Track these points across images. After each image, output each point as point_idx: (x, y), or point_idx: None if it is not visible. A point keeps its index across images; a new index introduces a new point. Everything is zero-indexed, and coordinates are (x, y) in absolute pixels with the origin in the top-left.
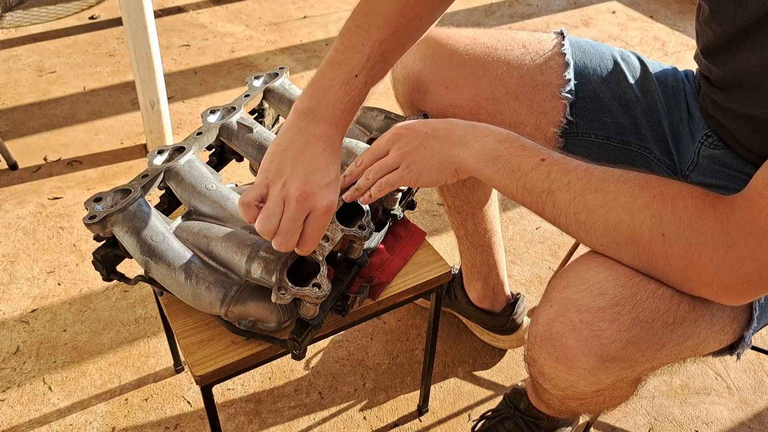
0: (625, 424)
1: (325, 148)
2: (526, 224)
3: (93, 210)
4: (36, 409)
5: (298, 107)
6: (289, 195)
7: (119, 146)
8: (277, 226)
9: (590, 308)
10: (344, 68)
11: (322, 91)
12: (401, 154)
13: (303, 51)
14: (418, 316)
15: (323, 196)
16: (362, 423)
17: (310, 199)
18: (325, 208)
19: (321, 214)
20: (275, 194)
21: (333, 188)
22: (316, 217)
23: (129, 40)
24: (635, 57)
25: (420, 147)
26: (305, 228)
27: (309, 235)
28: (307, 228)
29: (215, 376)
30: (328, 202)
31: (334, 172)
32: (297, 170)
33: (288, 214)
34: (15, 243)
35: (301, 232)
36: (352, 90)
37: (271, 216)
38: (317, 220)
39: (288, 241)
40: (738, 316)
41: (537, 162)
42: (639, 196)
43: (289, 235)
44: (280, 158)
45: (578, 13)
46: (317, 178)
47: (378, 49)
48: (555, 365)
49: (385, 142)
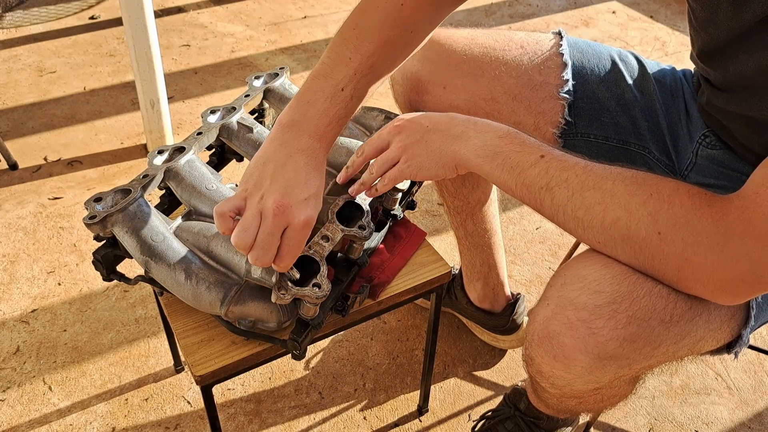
0: (625, 425)
1: (307, 162)
2: (526, 224)
3: (93, 210)
4: (36, 409)
5: (282, 120)
6: (266, 208)
7: (119, 146)
8: (253, 240)
9: (587, 306)
10: (330, 81)
11: (307, 104)
12: (402, 147)
13: (303, 51)
14: (418, 316)
15: (301, 211)
16: (362, 423)
17: (287, 213)
18: (302, 222)
19: (298, 228)
20: (252, 207)
21: (312, 203)
22: (293, 231)
23: (129, 40)
24: (633, 57)
25: (421, 141)
26: (282, 243)
27: (285, 251)
28: (284, 243)
29: (215, 376)
30: (306, 217)
31: (315, 186)
32: (276, 183)
33: (264, 228)
34: (15, 243)
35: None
36: (338, 103)
37: (247, 229)
38: (294, 234)
39: (264, 256)
40: (735, 315)
41: (536, 158)
42: (636, 194)
43: (265, 250)
44: (261, 171)
45: (578, 13)
46: (296, 192)
47: (366, 63)
48: (552, 363)
49: (386, 133)
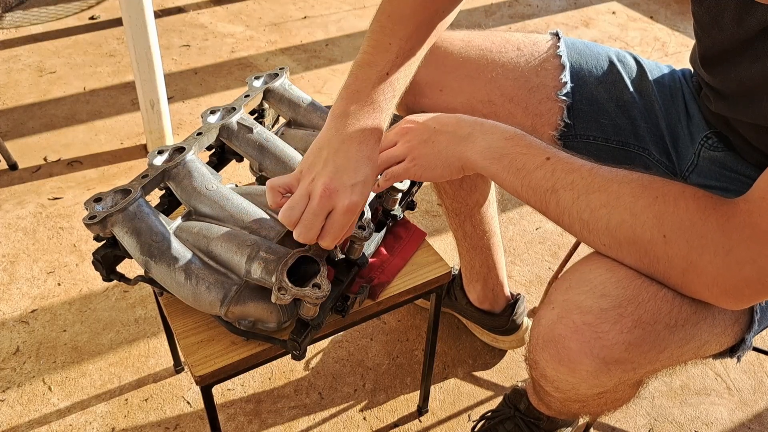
0: (625, 425)
1: (358, 150)
2: (525, 225)
3: (93, 210)
4: (36, 409)
5: (335, 110)
6: (315, 190)
7: (119, 146)
8: (298, 218)
9: (593, 309)
10: (375, 68)
11: (356, 92)
12: (408, 147)
13: (303, 51)
14: (418, 316)
15: (346, 195)
16: (362, 423)
17: (333, 196)
18: (346, 207)
19: (341, 212)
20: (302, 187)
21: (359, 189)
22: (337, 214)
23: (129, 40)
24: (631, 57)
25: (427, 141)
26: (326, 224)
27: (327, 231)
28: (327, 224)
29: (215, 376)
30: (350, 202)
31: (363, 174)
32: (327, 168)
33: (310, 208)
34: (15, 243)
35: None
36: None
37: (294, 207)
38: (338, 217)
39: (307, 234)
40: (739, 319)
41: (542, 160)
42: (642, 197)
43: (308, 228)
44: (315, 155)
45: (578, 14)
46: (344, 178)
47: (405, 46)
48: (557, 367)
49: (394, 134)
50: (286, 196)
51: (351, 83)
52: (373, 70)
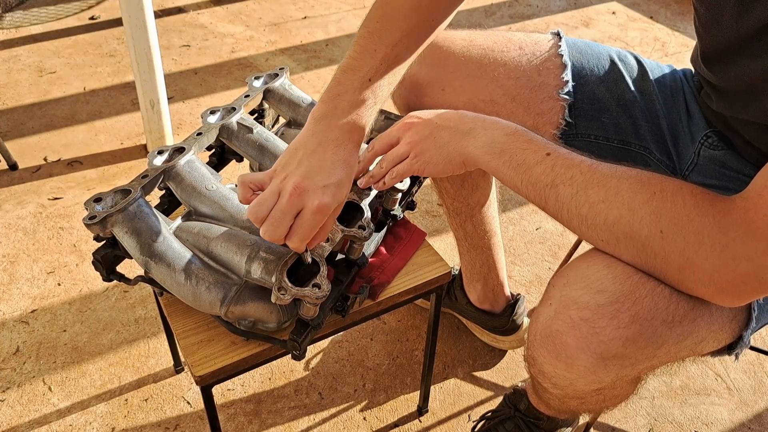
0: (625, 425)
1: (335, 152)
2: (526, 225)
3: (93, 210)
4: (36, 409)
5: (315, 113)
6: (285, 188)
7: (119, 146)
8: (266, 215)
9: (590, 305)
10: (358, 74)
11: (337, 97)
12: (411, 143)
13: (303, 51)
14: (418, 316)
15: (317, 196)
16: (362, 423)
17: (303, 195)
18: (315, 207)
19: (311, 211)
20: (273, 185)
21: (330, 191)
22: (306, 213)
23: (129, 40)
24: (633, 57)
25: (429, 137)
26: (294, 223)
27: (295, 231)
28: (296, 224)
29: (215, 376)
30: (320, 203)
31: (337, 176)
32: (300, 167)
33: (279, 206)
34: (15, 243)
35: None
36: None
37: (262, 204)
38: (307, 217)
39: (274, 231)
40: (737, 316)
41: (542, 156)
42: (640, 192)
43: (275, 226)
44: (290, 155)
45: (578, 14)
46: (317, 178)
47: (391, 53)
48: (555, 363)
49: (397, 130)
50: (257, 193)
51: (333, 87)
52: (356, 75)
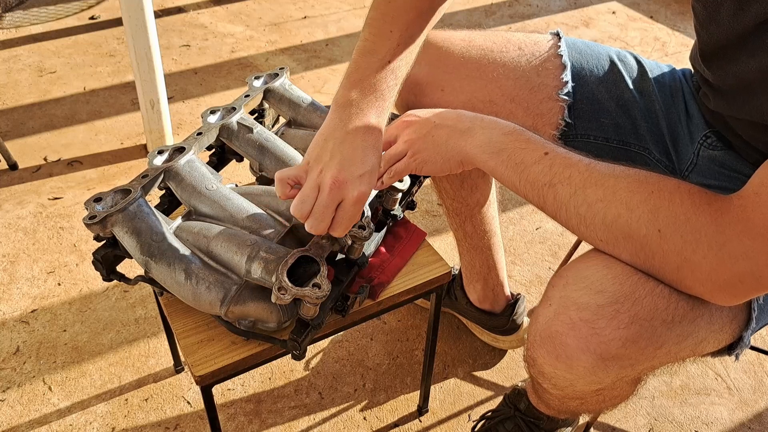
0: (625, 425)
1: (364, 139)
2: (526, 225)
3: (93, 210)
4: (36, 409)
5: (338, 100)
6: (324, 182)
7: (119, 146)
8: (310, 210)
9: (589, 306)
10: (376, 56)
11: (358, 81)
12: (409, 142)
13: (303, 51)
14: (418, 316)
15: (355, 186)
16: (362, 423)
17: (342, 188)
18: (355, 197)
19: (351, 203)
20: (311, 180)
21: (366, 179)
22: (347, 204)
23: (129, 40)
24: (632, 57)
25: (427, 135)
26: (336, 215)
27: (338, 222)
28: (338, 215)
29: (215, 376)
30: (359, 193)
31: (370, 164)
32: (334, 159)
33: (321, 200)
34: (15, 243)
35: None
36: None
37: (305, 200)
38: (348, 208)
39: (319, 225)
40: (737, 317)
41: (540, 155)
42: (637, 191)
43: (320, 220)
44: (321, 146)
45: (578, 14)
46: (352, 169)
47: (406, 33)
48: (555, 364)
49: (395, 127)
50: (296, 188)
51: (353, 71)
52: (374, 57)
